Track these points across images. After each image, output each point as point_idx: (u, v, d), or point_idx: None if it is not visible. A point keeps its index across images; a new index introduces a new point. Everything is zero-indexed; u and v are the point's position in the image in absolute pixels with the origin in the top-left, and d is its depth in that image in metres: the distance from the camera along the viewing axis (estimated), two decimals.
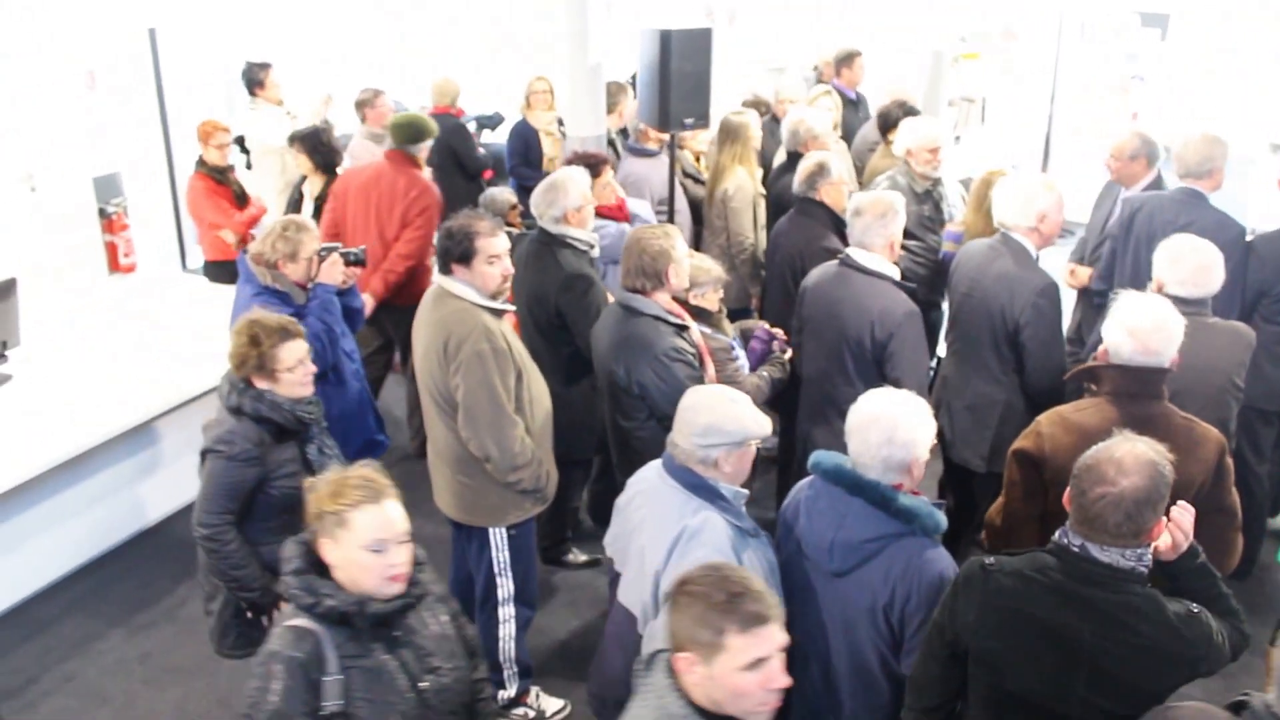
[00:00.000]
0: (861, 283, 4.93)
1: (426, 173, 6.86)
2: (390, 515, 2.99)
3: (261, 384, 4.13)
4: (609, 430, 4.98)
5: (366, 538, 2.93)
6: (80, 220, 8.82)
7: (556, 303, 5.34)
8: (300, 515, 3.08)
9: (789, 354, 5.27)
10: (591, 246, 5.51)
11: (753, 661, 2.63)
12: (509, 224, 6.58)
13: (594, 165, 6.05)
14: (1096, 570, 2.92)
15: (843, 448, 3.49)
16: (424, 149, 6.86)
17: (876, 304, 4.83)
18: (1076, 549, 2.95)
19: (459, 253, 4.49)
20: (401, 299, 6.39)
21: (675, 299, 4.86)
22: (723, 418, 3.51)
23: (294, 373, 4.16)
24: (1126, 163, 6.13)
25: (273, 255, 5.05)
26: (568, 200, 5.44)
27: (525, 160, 8.79)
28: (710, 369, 4.82)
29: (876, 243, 4.95)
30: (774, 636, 2.66)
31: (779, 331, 5.32)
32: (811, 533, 3.50)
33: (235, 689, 5.23)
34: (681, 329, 4.73)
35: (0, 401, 5.89)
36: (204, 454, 4.17)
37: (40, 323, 6.67)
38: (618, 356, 4.71)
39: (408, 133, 6.77)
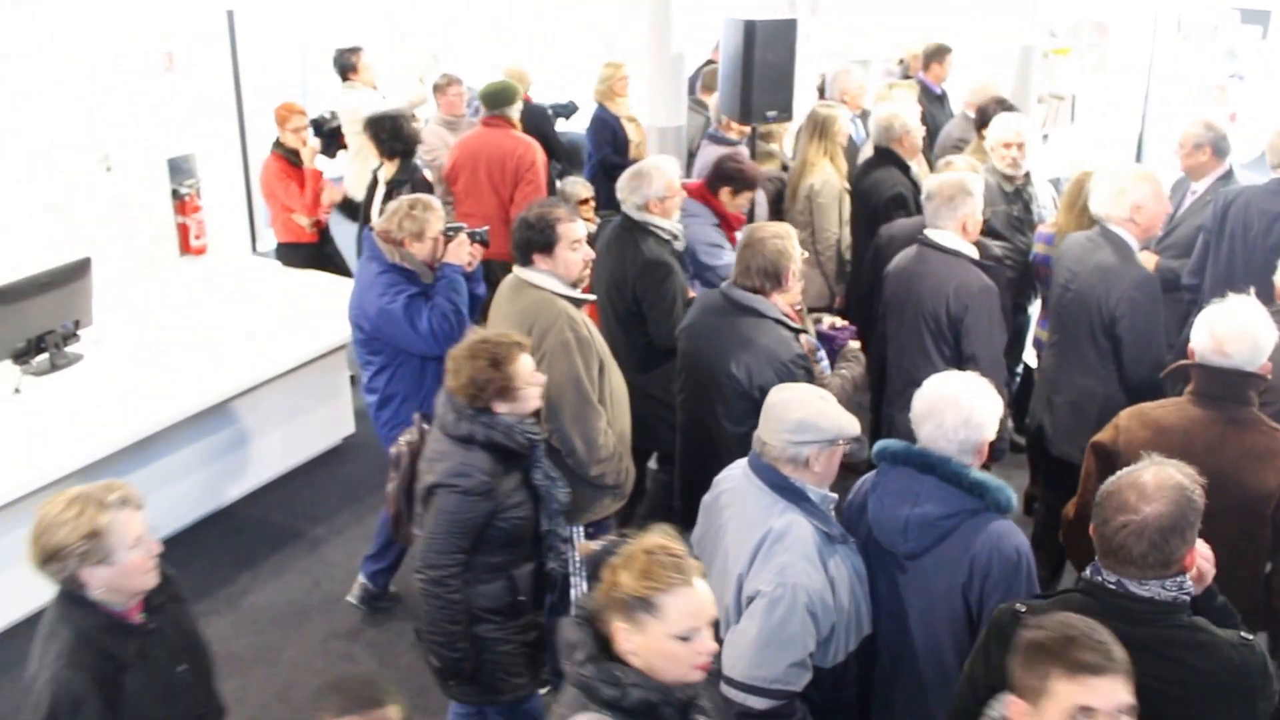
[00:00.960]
0: (937, 260, 4.97)
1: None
2: (703, 598, 2.61)
3: (501, 408, 3.81)
4: (689, 426, 4.81)
5: (680, 626, 2.55)
6: (154, 202, 8.83)
7: (634, 289, 5.25)
8: (524, 549, 2.83)
9: (857, 344, 5.12)
10: (675, 237, 5.40)
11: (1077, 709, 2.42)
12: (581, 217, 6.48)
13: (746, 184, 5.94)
14: (1137, 606, 2.73)
15: None
16: (516, 110, 7.45)
17: (952, 279, 4.85)
18: (1113, 585, 2.77)
19: (541, 242, 4.46)
20: None
21: None
22: (816, 414, 3.43)
23: (532, 386, 3.88)
24: (1191, 152, 5.92)
25: (399, 233, 4.90)
26: (652, 188, 5.35)
27: (615, 149, 8.64)
28: (817, 371, 4.70)
29: (948, 223, 4.97)
30: (1109, 689, 2.42)
31: (839, 320, 5.20)
32: (883, 516, 3.45)
33: (294, 682, 5.22)
34: (798, 333, 4.58)
35: (72, 381, 5.85)
36: (430, 490, 3.83)
37: (113, 303, 6.63)
38: (737, 358, 4.48)
39: (499, 97, 7.43)
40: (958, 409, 3.35)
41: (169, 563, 5.73)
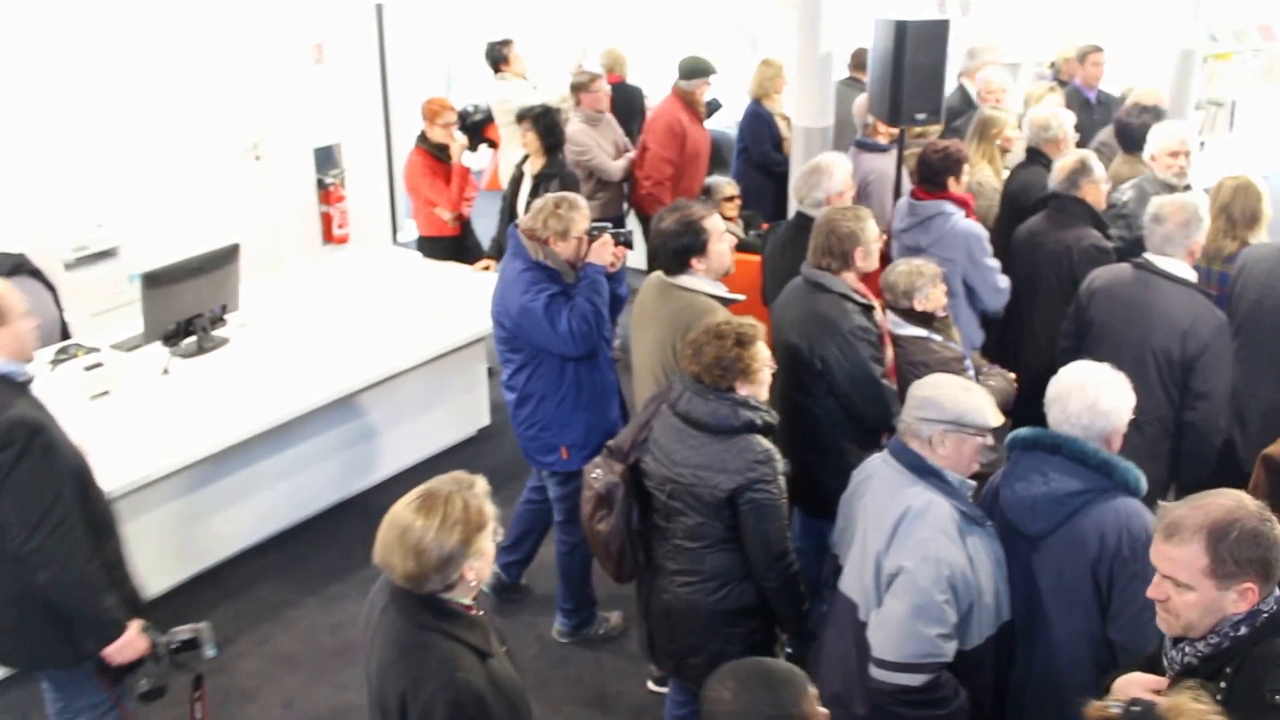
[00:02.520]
0: (1167, 289, 4.76)
1: None
2: None
3: (743, 389, 3.78)
4: (780, 402, 4.72)
5: None
6: (299, 191, 9.01)
7: None
8: None
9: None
10: None
11: None
12: (724, 215, 6.42)
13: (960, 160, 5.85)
14: None
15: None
16: (697, 85, 8.10)
17: (1187, 315, 4.66)
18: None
19: (698, 244, 4.52)
20: None
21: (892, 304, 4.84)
22: (944, 396, 3.48)
23: (765, 371, 3.85)
24: None
25: (544, 232, 4.85)
26: (831, 184, 5.39)
27: (775, 145, 8.55)
28: (889, 352, 4.70)
29: (1178, 251, 4.77)
30: None
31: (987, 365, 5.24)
32: (1014, 497, 3.51)
33: None
34: (868, 309, 4.63)
35: (217, 364, 5.99)
36: (735, 496, 3.69)
37: (257, 289, 6.77)
38: (802, 330, 4.62)
39: (692, 66, 8.12)
40: (1083, 394, 3.44)
41: (296, 548, 5.89)
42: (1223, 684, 2.59)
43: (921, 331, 4.84)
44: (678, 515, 3.83)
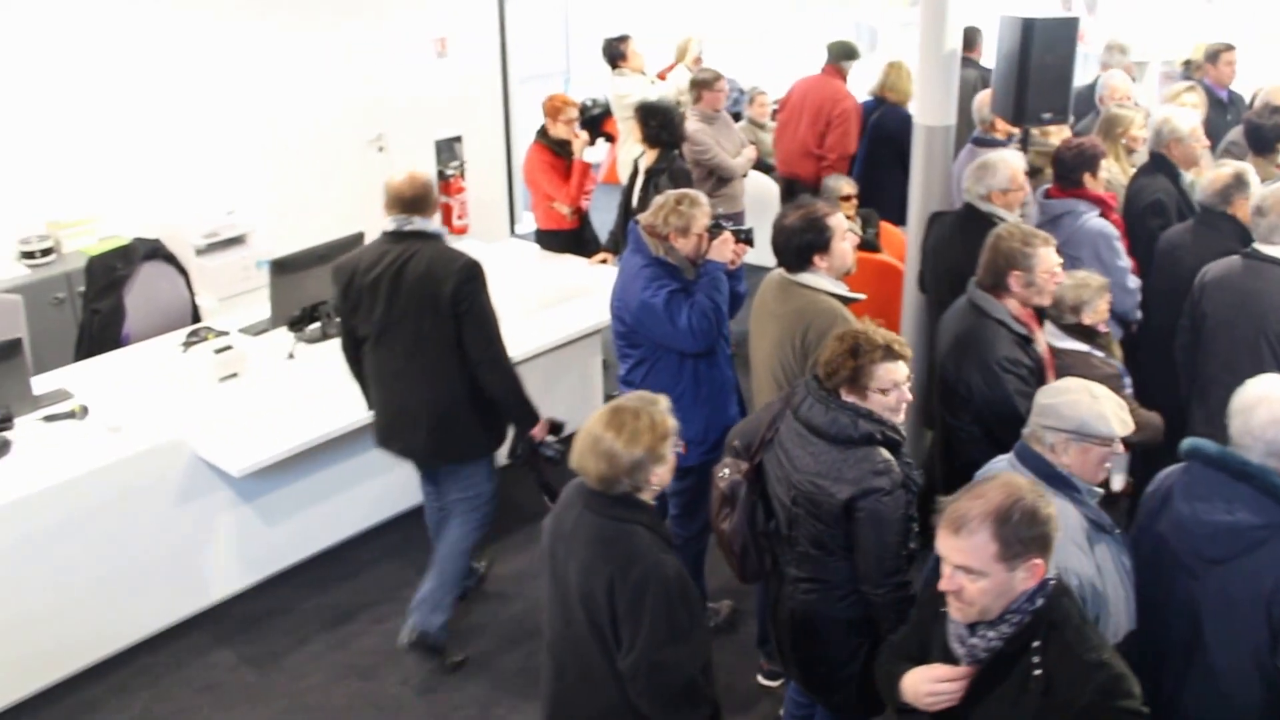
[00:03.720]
0: (1277, 274, 4.72)
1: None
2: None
3: (849, 398, 3.71)
4: (937, 419, 4.77)
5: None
6: None
7: None
8: None
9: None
10: None
11: None
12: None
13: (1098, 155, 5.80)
14: None
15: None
16: (852, 66, 8.60)
17: None
18: None
19: (822, 241, 4.47)
20: None
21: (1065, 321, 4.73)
22: (1066, 403, 3.41)
23: (887, 395, 3.69)
24: None
25: (665, 228, 4.87)
26: (995, 180, 5.36)
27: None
28: (1051, 379, 4.48)
29: None
30: None
31: None
32: (1192, 519, 3.36)
33: (538, 658, 5.31)
34: (1025, 340, 4.44)
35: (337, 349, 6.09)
36: (850, 505, 3.65)
37: None
38: (952, 352, 4.52)
39: (841, 50, 8.60)
40: (1270, 407, 3.30)
41: (414, 530, 6.00)
42: (1036, 659, 2.73)
43: (1083, 346, 4.68)
44: (801, 522, 3.78)
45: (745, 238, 5.03)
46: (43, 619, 5.02)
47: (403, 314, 4.86)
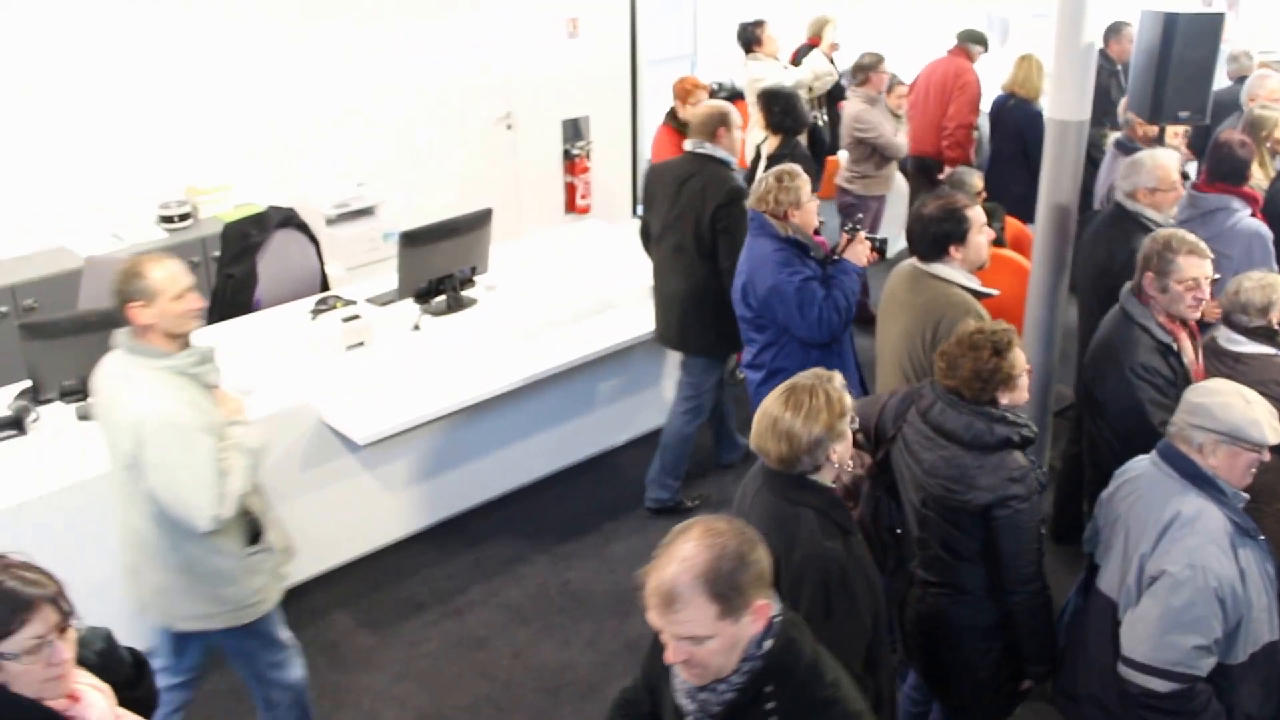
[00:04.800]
0: None
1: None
2: None
3: (1004, 398, 3.63)
4: (1084, 428, 4.71)
5: None
6: (547, 160, 9.25)
7: (1120, 279, 5.01)
8: None
9: None
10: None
11: None
12: None
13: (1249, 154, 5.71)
14: None
15: None
16: (979, 51, 8.83)
17: None
18: None
19: (959, 232, 4.45)
20: None
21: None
22: (1218, 405, 3.34)
23: (1025, 377, 3.68)
24: None
25: (780, 207, 4.99)
26: (1140, 178, 5.30)
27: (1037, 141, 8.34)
28: None
29: None
30: None
31: None
32: None
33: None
34: (1166, 349, 4.32)
35: (465, 323, 6.20)
36: (987, 511, 3.60)
37: (503, 253, 6.94)
38: (1093, 355, 4.47)
39: (969, 35, 8.90)
40: None
41: (531, 505, 6.07)
42: (770, 704, 2.49)
43: (1268, 349, 4.45)
44: (932, 524, 3.73)
45: (879, 246, 5.17)
46: None
47: (677, 218, 5.76)
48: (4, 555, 2.52)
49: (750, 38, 9.02)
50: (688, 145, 5.88)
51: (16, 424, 5.14)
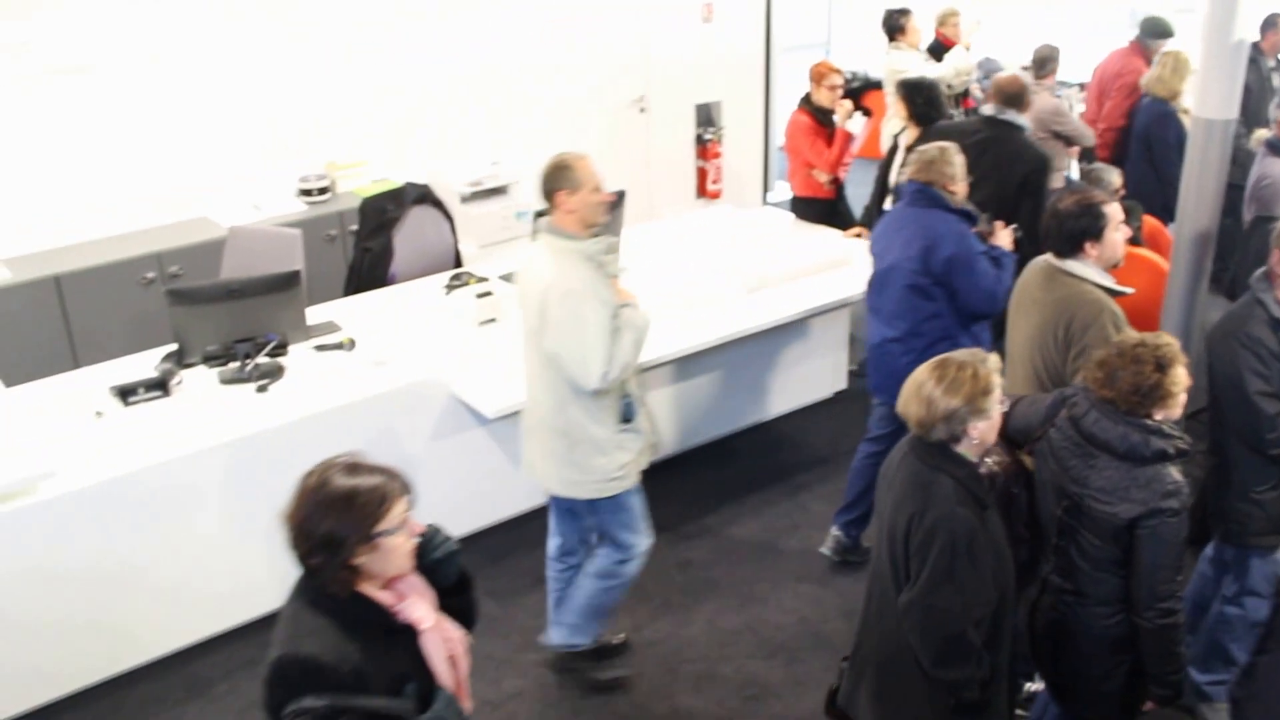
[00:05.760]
0: None
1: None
2: None
3: (1157, 414, 3.55)
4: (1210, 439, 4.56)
5: None
6: (679, 144, 9.27)
7: None
8: None
9: None
10: None
11: None
12: None
13: None
14: None
15: None
16: (1155, 40, 8.64)
17: None
18: None
19: (1096, 229, 4.38)
20: None
21: None
22: None
23: (1183, 395, 3.57)
24: None
25: (945, 178, 5.12)
26: None
27: (1163, 141, 8.15)
28: None
29: None
30: None
31: None
32: None
33: (763, 618, 5.36)
34: (1277, 325, 4.19)
35: None
36: (1134, 523, 3.52)
37: (635, 235, 6.99)
38: (1213, 336, 4.38)
39: (1151, 27, 8.80)
40: None
41: (651, 484, 6.07)
42: None
43: None
44: (1072, 532, 3.65)
45: (1020, 239, 5.36)
46: None
47: (981, 180, 5.69)
48: (345, 455, 2.82)
49: (895, 26, 8.94)
50: (987, 110, 6.39)
51: (161, 385, 5.30)
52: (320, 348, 5.70)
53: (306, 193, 7.49)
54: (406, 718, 2.67)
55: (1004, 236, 5.19)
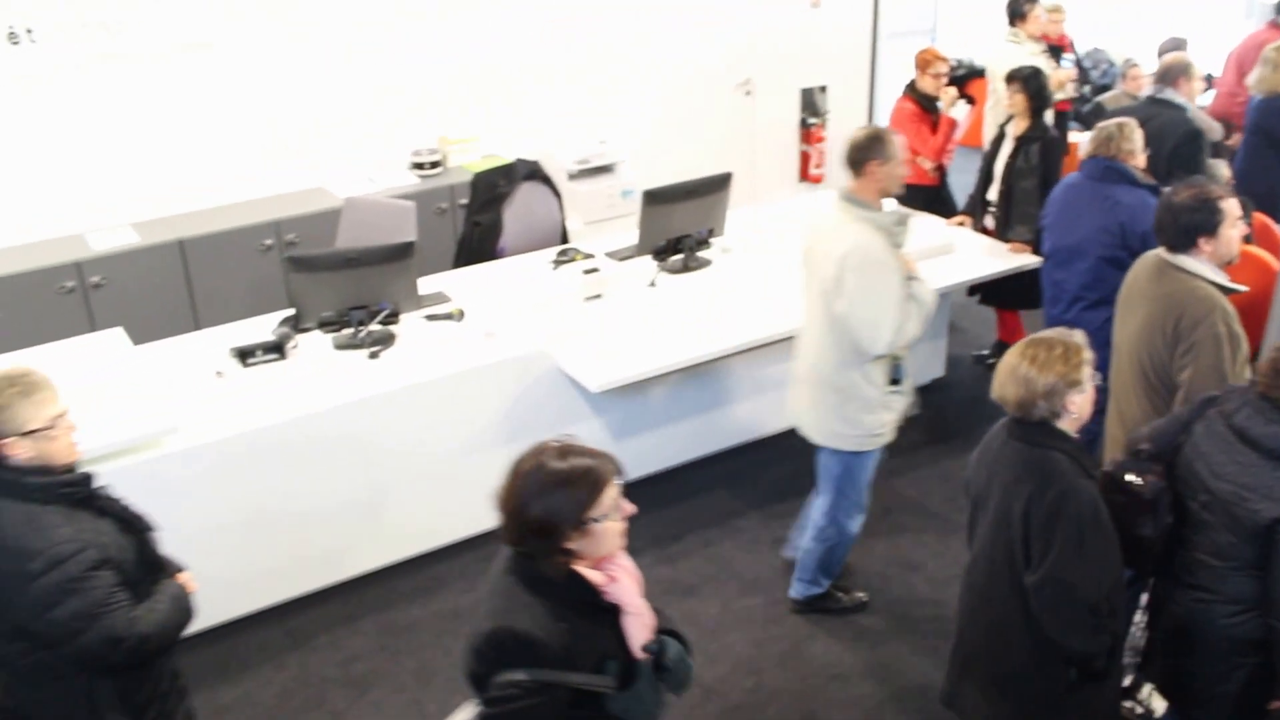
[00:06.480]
0: None
1: None
2: None
3: None
4: None
5: None
6: (783, 128, 9.33)
7: None
8: None
9: None
10: None
11: None
12: None
13: None
14: None
15: None
16: None
17: None
18: None
19: (1212, 224, 4.31)
20: None
21: None
22: None
23: None
24: None
25: (1125, 153, 5.37)
26: None
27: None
28: None
29: None
30: None
31: None
32: None
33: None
34: None
35: (698, 283, 6.31)
36: (1275, 524, 3.42)
37: (737, 218, 7.00)
38: None
39: None
40: None
41: (745, 464, 6.14)
42: None
43: None
44: (1207, 529, 3.59)
45: None
46: (408, 498, 5.50)
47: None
48: (556, 439, 2.84)
49: (1017, 12, 8.79)
50: (1148, 92, 6.86)
51: (278, 349, 5.50)
52: (431, 317, 5.86)
53: (419, 166, 7.69)
54: (608, 694, 2.72)
55: None
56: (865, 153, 4.52)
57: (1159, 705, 4.48)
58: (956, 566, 5.41)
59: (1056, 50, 9.06)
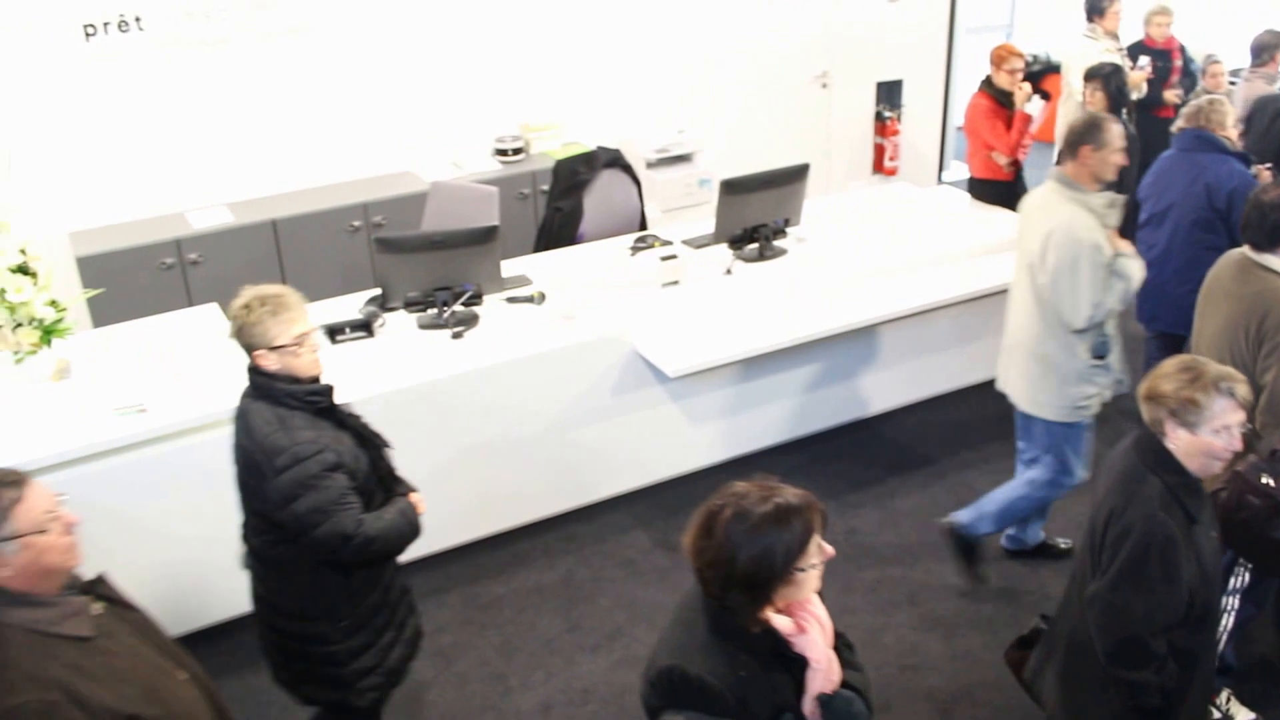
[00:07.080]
0: None
1: None
2: None
3: None
4: None
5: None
6: (859, 121, 9.39)
7: None
8: None
9: None
10: None
11: None
12: None
13: None
14: None
15: None
16: None
17: None
18: None
19: None
20: None
21: None
22: None
23: None
24: None
25: (1214, 124, 5.72)
26: None
27: None
28: None
29: None
30: None
31: None
32: None
33: (925, 584, 5.48)
34: None
35: (773, 272, 6.40)
36: None
37: (813, 208, 7.08)
38: None
39: None
40: None
41: (814, 455, 6.18)
42: None
43: None
44: None
45: None
46: (489, 475, 5.64)
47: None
48: (753, 482, 2.67)
49: (1096, 7, 8.76)
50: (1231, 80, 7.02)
51: (365, 327, 5.67)
52: (512, 300, 6.00)
53: (502, 152, 7.86)
54: None
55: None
56: (1081, 138, 4.67)
57: (1241, 714, 4.54)
58: (1035, 561, 5.55)
59: (1143, 49, 8.97)
